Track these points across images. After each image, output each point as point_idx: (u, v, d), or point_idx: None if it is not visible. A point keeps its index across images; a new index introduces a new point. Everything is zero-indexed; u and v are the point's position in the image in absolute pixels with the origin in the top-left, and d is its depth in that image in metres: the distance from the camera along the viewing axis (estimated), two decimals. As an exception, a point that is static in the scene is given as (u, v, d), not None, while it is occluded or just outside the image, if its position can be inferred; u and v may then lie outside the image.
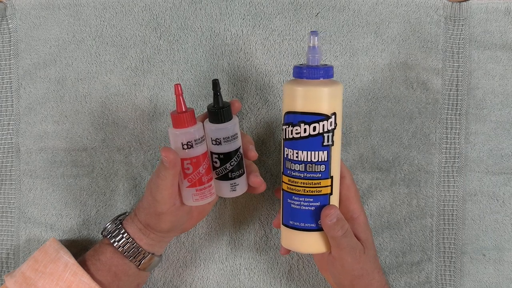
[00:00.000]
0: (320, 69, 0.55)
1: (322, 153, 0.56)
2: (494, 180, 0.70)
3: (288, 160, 0.57)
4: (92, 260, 0.62)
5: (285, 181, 0.58)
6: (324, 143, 0.55)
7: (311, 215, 0.57)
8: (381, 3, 0.69)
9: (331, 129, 0.55)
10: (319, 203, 0.57)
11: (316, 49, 0.56)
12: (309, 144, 0.55)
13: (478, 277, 0.71)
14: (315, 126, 0.55)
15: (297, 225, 0.58)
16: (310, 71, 0.55)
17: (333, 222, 0.56)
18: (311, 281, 0.71)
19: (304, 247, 0.59)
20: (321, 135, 0.55)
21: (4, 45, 0.71)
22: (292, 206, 0.58)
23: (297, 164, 0.56)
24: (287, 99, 0.56)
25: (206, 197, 0.59)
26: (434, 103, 0.70)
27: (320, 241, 0.58)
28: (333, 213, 0.56)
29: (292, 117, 0.56)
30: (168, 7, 0.69)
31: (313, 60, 0.56)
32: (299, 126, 0.55)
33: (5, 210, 0.72)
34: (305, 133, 0.55)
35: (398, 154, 0.70)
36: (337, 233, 0.56)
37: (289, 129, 0.56)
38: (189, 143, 0.57)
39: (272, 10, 0.69)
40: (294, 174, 0.57)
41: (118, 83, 0.70)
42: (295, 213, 0.58)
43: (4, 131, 0.71)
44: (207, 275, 0.72)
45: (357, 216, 0.60)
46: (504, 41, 0.69)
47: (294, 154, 0.56)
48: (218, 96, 0.57)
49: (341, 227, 0.56)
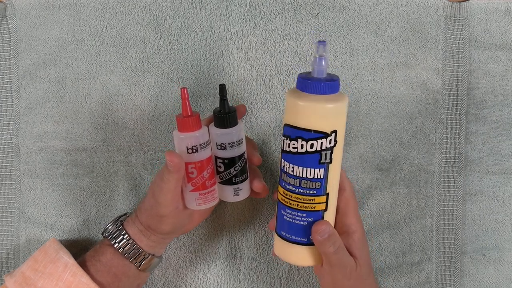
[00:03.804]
0: (326, 84, 0.51)
1: (319, 171, 0.53)
2: (494, 180, 0.70)
3: (284, 172, 0.55)
4: (92, 260, 0.62)
5: (280, 191, 0.56)
6: (321, 161, 0.53)
7: (303, 230, 0.55)
8: (381, 3, 0.69)
9: (330, 147, 0.52)
10: (312, 219, 0.55)
11: (322, 60, 0.51)
12: (306, 160, 0.53)
13: (478, 277, 0.71)
14: (312, 143, 0.52)
15: (288, 237, 0.56)
16: (314, 86, 0.51)
17: (324, 238, 0.54)
18: (311, 281, 0.71)
19: (295, 259, 0.58)
20: (319, 153, 0.52)
21: (4, 45, 0.71)
22: (285, 217, 0.56)
23: (292, 179, 0.54)
24: (288, 111, 0.53)
25: (209, 201, 0.59)
26: (434, 103, 0.70)
27: (311, 254, 0.56)
28: (324, 228, 0.54)
29: (290, 130, 0.53)
30: (168, 7, 0.69)
31: (319, 72, 0.52)
32: (296, 141, 0.52)
33: (5, 210, 0.72)
34: (302, 149, 0.52)
35: (398, 154, 0.70)
36: (328, 249, 0.55)
37: (286, 141, 0.53)
38: (194, 147, 0.56)
39: (272, 10, 0.69)
40: (288, 187, 0.55)
41: (118, 83, 0.70)
42: (288, 225, 0.56)
43: (4, 131, 0.71)
44: (207, 275, 0.72)
45: (353, 231, 0.57)
46: (504, 41, 0.69)
47: (290, 168, 0.54)
48: (225, 101, 0.57)
49: (332, 243, 0.55)
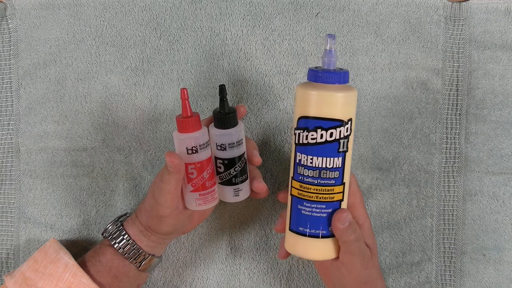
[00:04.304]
0: (338, 74, 0.53)
1: (337, 160, 0.54)
2: (494, 180, 0.70)
3: (300, 165, 0.55)
4: (92, 261, 0.62)
5: (295, 186, 0.56)
6: (340, 150, 0.54)
7: (322, 222, 0.56)
8: (381, 3, 0.69)
9: (347, 135, 0.54)
10: (331, 210, 0.56)
11: (332, 52, 0.54)
12: (325, 150, 0.54)
13: (478, 277, 0.71)
14: (332, 132, 0.53)
15: (306, 231, 0.56)
16: (327, 75, 0.53)
17: (345, 226, 0.55)
18: (311, 281, 0.71)
19: (313, 254, 0.58)
20: (337, 141, 0.54)
21: (4, 45, 0.71)
22: (302, 212, 0.56)
23: (311, 170, 0.55)
24: (302, 103, 0.54)
25: (209, 201, 0.59)
26: (434, 103, 0.70)
27: (329, 247, 0.57)
28: (345, 216, 0.55)
29: (307, 122, 0.54)
30: (168, 7, 0.69)
31: (329, 63, 0.54)
32: (315, 131, 0.53)
33: (5, 210, 0.72)
34: (321, 139, 0.53)
35: (398, 154, 0.70)
36: (349, 237, 0.55)
37: (303, 134, 0.54)
38: (194, 148, 0.56)
39: (272, 10, 0.69)
40: (306, 180, 0.55)
41: (118, 83, 0.70)
42: (306, 220, 0.56)
43: (4, 131, 0.71)
44: (207, 275, 0.72)
45: (362, 222, 0.59)
46: (504, 41, 0.69)
47: (308, 160, 0.54)
48: (225, 102, 0.57)
49: (353, 231, 0.55)
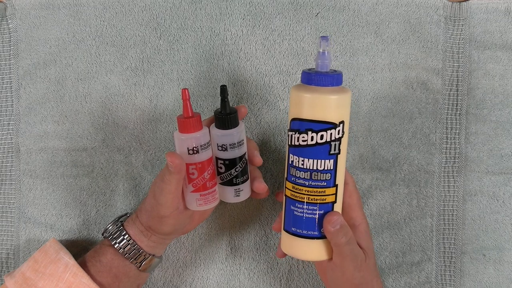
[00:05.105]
0: (330, 76, 0.53)
1: (329, 162, 0.54)
2: (494, 180, 0.70)
3: (293, 167, 0.56)
4: (92, 261, 0.62)
5: (288, 187, 0.57)
6: (331, 152, 0.54)
7: (314, 223, 0.56)
8: (381, 3, 0.69)
9: (338, 137, 0.54)
10: (323, 211, 0.56)
11: (326, 54, 0.54)
12: (316, 152, 0.54)
13: (478, 277, 0.71)
14: (322, 134, 0.53)
15: (299, 232, 0.57)
16: (319, 78, 0.53)
17: (336, 229, 0.55)
18: (311, 281, 0.71)
19: (305, 254, 0.58)
20: (328, 144, 0.54)
21: (4, 45, 0.71)
22: (295, 213, 0.57)
23: (302, 172, 0.55)
24: (294, 105, 0.54)
25: (210, 202, 0.59)
26: (434, 103, 0.70)
27: (321, 248, 0.57)
28: (336, 219, 0.55)
29: (298, 124, 0.54)
30: (168, 7, 0.69)
31: (322, 66, 0.54)
32: (306, 133, 0.54)
33: (5, 210, 0.72)
34: (312, 141, 0.54)
35: (398, 154, 0.70)
36: (340, 240, 0.55)
37: (295, 136, 0.55)
38: (195, 148, 0.56)
39: (272, 10, 0.69)
40: (298, 181, 0.56)
41: (118, 83, 0.70)
42: (298, 220, 0.57)
43: (4, 131, 0.71)
44: (207, 275, 0.72)
45: (358, 224, 0.59)
46: (504, 41, 0.69)
47: (299, 162, 0.55)
48: (226, 102, 0.57)
49: (344, 234, 0.55)
